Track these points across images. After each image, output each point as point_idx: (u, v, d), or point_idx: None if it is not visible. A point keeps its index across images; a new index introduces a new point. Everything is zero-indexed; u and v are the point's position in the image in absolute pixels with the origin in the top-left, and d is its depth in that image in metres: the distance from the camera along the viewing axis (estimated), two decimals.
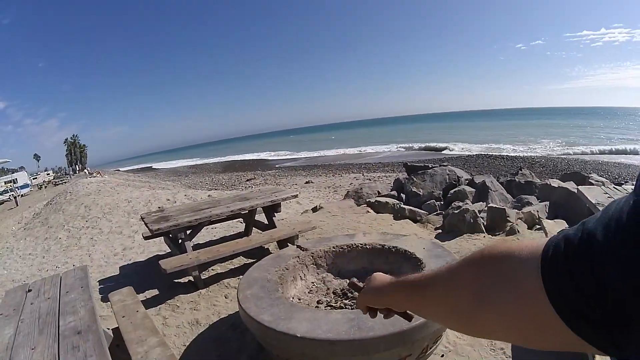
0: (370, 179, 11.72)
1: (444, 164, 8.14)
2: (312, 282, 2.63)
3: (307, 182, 12.57)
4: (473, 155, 20.09)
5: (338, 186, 10.78)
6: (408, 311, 0.72)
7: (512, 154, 20.05)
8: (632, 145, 21.22)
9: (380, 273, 0.80)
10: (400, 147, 32.33)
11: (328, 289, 2.54)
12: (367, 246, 2.75)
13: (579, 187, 3.95)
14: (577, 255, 0.33)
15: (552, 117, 74.37)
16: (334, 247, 2.78)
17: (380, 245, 2.71)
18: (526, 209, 5.06)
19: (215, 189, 13.93)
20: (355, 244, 2.78)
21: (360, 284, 0.86)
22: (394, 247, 2.64)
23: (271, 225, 4.45)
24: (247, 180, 15.68)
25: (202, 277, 3.72)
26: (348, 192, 7.31)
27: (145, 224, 3.87)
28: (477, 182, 6.27)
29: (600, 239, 0.32)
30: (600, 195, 3.27)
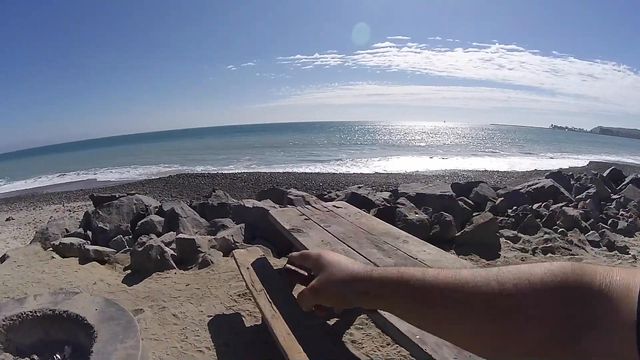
0: (70, 210, 11.17)
1: (131, 192, 7.14)
2: None
3: (7, 219, 10.69)
4: (174, 175, 18.53)
5: (39, 221, 9.71)
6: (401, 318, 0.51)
7: (212, 172, 19.62)
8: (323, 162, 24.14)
9: (331, 252, 0.59)
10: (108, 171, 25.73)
11: None
12: (38, 313, 2.35)
13: (272, 210, 3.67)
14: None
15: (254, 134, 79.29)
16: (3, 320, 2.28)
17: (50, 310, 2.36)
18: (220, 234, 4.76)
19: None
20: (24, 313, 2.34)
21: (301, 271, 0.61)
22: (64, 311, 2.34)
23: None
24: None
25: None
26: (36, 233, 6.09)
27: None
28: (165, 209, 5.69)
29: None
30: (294, 218, 2.95)
